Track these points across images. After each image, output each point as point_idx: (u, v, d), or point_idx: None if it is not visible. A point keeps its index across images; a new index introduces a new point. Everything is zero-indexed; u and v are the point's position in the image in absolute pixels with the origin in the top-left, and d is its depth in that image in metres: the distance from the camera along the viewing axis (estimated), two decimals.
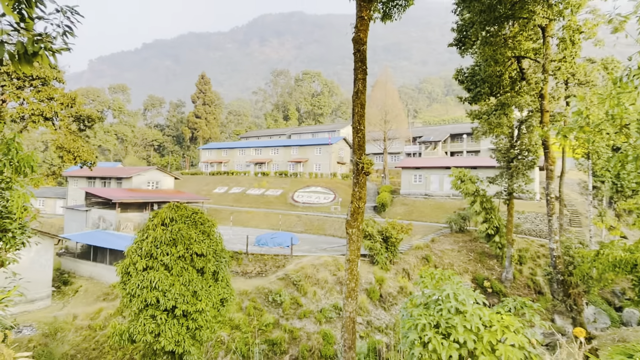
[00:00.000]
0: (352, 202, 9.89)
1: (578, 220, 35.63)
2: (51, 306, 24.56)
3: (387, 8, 14.97)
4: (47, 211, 55.74)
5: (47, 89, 24.23)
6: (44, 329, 20.53)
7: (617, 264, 11.23)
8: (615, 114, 6.20)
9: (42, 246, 23.72)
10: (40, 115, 23.75)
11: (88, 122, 28.19)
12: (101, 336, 20.38)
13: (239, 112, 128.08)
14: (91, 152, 25.58)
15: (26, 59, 3.83)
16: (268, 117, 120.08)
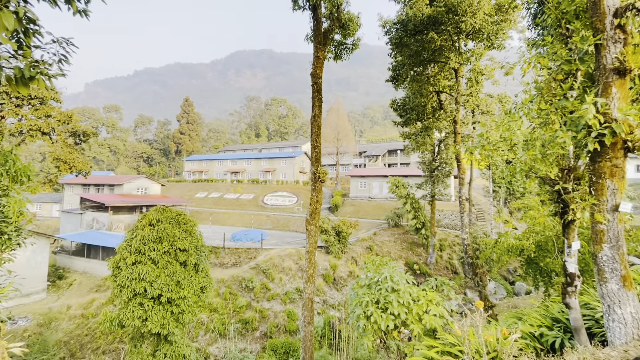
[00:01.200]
0: (310, 204, 9.88)
1: (482, 216, 37.64)
2: (46, 299, 22.43)
3: (338, 50, 15.27)
4: (44, 214, 51.05)
5: (44, 108, 22.27)
6: (39, 320, 18.68)
7: (510, 249, 11.92)
8: (507, 137, 6.64)
9: (38, 246, 21.68)
10: (38, 130, 21.78)
11: (83, 136, 26.20)
12: (93, 323, 18.85)
13: (218, 130, 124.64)
14: (86, 162, 23.74)
15: (23, 82, 3.52)
16: (242, 134, 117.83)
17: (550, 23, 7.20)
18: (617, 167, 5.07)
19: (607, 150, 5.06)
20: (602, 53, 5.24)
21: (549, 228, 11.02)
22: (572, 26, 6.22)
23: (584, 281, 9.22)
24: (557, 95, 6.27)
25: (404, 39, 20.01)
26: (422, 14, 18.71)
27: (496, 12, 18.19)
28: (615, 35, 5.15)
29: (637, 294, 4.95)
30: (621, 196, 5.19)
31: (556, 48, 6.43)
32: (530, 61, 6.70)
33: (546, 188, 6.65)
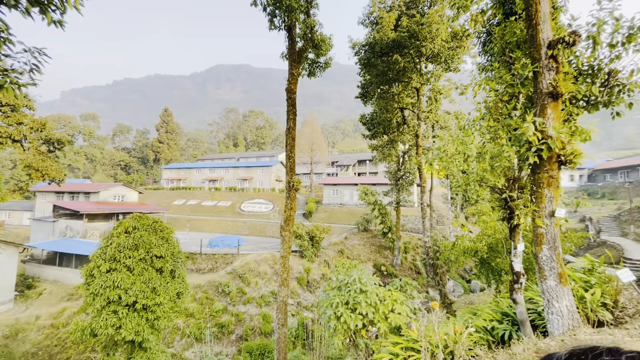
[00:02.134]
0: (285, 211, 9.79)
1: (442, 221, 38.93)
2: (14, 309, 20.50)
3: (312, 68, 15.41)
4: (14, 223, 46.98)
5: (16, 115, 20.65)
6: (4, 331, 17.02)
7: (466, 251, 12.37)
8: (461, 150, 6.94)
9: (5, 255, 19.88)
10: (9, 137, 20.13)
11: (58, 144, 24.47)
12: (64, 333, 17.43)
13: (197, 140, 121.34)
14: (59, 170, 22.13)
15: None
16: (221, 144, 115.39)
17: (497, 51, 7.69)
18: (553, 178, 5.44)
19: (544, 163, 5.42)
20: (539, 79, 5.66)
21: (498, 231, 11.58)
22: (515, 55, 6.67)
23: (529, 278, 9.71)
24: (503, 114, 6.67)
25: (371, 60, 20.60)
26: (387, 38, 19.38)
27: (452, 39, 19.20)
28: (549, 64, 5.58)
29: (571, 289, 5.29)
30: (557, 203, 5.57)
31: (502, 73, 6.87)
32: (480, 84, 7.11)
33: (495, 196, 7.00)
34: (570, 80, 5.75)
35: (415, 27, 18.12)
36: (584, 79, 6.36)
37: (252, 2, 11.08)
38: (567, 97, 5.90)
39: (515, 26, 6.85)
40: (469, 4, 7.35)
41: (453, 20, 8.08)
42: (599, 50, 6.08)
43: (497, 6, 7.78)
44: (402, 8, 21.33)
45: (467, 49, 19.78)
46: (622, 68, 5.95)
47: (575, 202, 11.24)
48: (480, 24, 7.44)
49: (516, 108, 6.63)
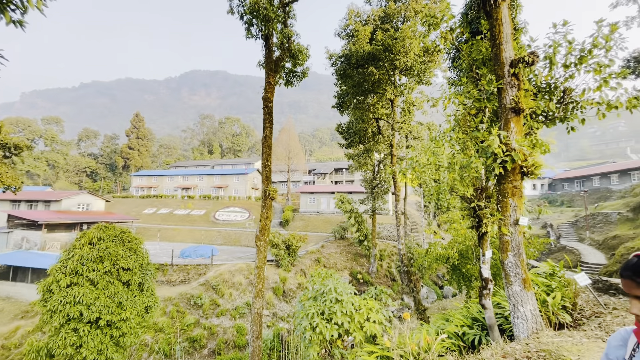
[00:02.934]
0: (260, 221, 9.64)
1: (416, 228, 39.88)
2: None
3: (289, 77, 15.48)
4: None
5: None
6: None
7: (438, 258, 12.71)
8: (432, 160, 7.19)
9: None
10: None
11: (15, 149, 22.82)
12: (16, 354, 15.98)
13: (169, 146, 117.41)
14: (16, 177, 20.59)
15: None
16: (195, 150, 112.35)
17: (465, 67, 8.10)
18: (517, 188, 5.75)
19: (509, 174, 5.73)
20: (503, 95, 6.01)
21: (468, 239, 12.01)
22: (481, 71, 7.06)
23: (496, 284, 10.10)
24: (471, 127, 7.00)
25: (347, 71, 21.03)
26: (363, 50, 19.90)
27: (424, 54, 20.02)
28: (511, 81, 5.95)
29: (534, 294, 5.56)
30: (521, 212, 5.88)
31: (469, 88, 7.23)
32: (450, 97, 7.43)
33: (465, 205, 7.29)
34: (530, 97, 6.15)
35: (389, 41, 18.76)
36: (543, 96, 6.82)
37: (229, 10, 11.03)
38: (528, 113, 6.29)
39: (481, 45, 7.26)
40: (439, 22, 7.72)
41: (424, 36, 8.44)
42: (555, 70, 6.56)
43: (464, 25, 8.23)
44: (377, 22, 22.04)
45: (438, 64, 20.71)
46: (576, 87, 6.46)
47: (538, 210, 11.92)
48: (450, 41, 7.82)
49: (483, 121, 6.99)
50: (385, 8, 21.80)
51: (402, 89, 22.02)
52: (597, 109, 6.27)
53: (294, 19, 13.56)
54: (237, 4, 11.05)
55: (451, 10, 8.07)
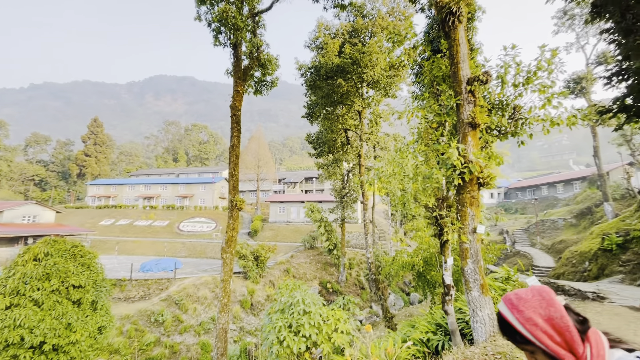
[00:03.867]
0: (227, 232, 9.35)
1: (384, 236, 40.71)
2: None
3: (258, 86, 15.40)
4: None
5: None
6: None
7: (404, 265, 13.01)
8: (397, 171, 7.42)
9: None
10: None
11: None
12: None
13: (131, 153, 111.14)
14: None
15: None
16: (159, 158, 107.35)
17: (427, 83, 8.54)
18: (474, 198, 6.09)
19: (467, 184, 6.05)
20: (461, 110, 6.38)
21: (432, 246, 12.44)
22: (441, 87, 7.47)
23: (458, 289, 10.52)
24: (433, 139, 7.35)
25: (317, 82, 21.33)
26: (332, 63, 20.33)
27: (390, 68, 20.85)
28: (468, 98, 6.35)
29: (491, 299, 5.86)
30: (478, 220, 6.21)
31: (431, 103, 7.61)
32: (413, 111, 7.77)
33: (428, 214, 7.57)
34: (485, 113, 6.59)
35: (357, 54, 19.36)
36: (496, 112, 7.34)
37: (196, 17, 10.81)
38: (483, 127, 6.73)
39: (441, 62, 7.70)
40: (402, 39, 8.10)
41: (390, 52, 8.81)
42: (506, 88, 7.12)
43: (426, 44, 8.70)
44: (345, 36, 22.68)
45: (403, 78, 21.65)
46: (524, 104, 7.04)
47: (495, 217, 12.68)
48: (412, 58, 8.22)
49: (443, 135, 7.37)
50: (354, 23, 22.54)
51: (370, 102, 22.71)
52: (542, 125, 6.86)
53: (264, 29, 13.57)
54: (204, 11, 10.87)
55: (414, 29, 8.53)
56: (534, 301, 1.14)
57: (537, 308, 1.13)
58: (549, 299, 1.14)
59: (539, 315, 1.12)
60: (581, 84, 25.56)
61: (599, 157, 26.52)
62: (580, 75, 25.73)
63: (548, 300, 1.14)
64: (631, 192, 27.68)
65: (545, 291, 1.17)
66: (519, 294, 1.19)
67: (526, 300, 1.15)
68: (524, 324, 1.13)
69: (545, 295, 1.15)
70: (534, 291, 1.18)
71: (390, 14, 21.88)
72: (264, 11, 12.74)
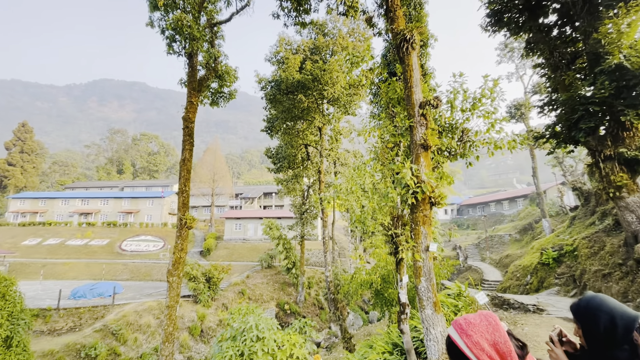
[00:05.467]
0: (174, 253, 8.80)
1: (344, 254, 41.10)
2: None
3: (215, 97, 15.12)
4: None
5: None
6: None
7: (363, 283, 13.18)
8: (355, 189, 7.61)
9: None
10: None
11: None
12: None
13: (67, 163, 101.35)
14: None
15: None
16: (101, 170, 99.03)
17: (383, 104, 9.01)
18: (427, 217, 6.43)
19: (420, 203, 6.38)
20: (414, 132, 6.80)
21: (390, 263, 12.81)
22: (396, 109, 7.92)
23: (414, 306, 10.86)
24: (388, 159, 7.70)
25: (277, 96, 21.48)
26: (293, 78, 20.66)
27: (350, 87, 21.69)
28: (421, 120, 6.79)
29: (444, 316, 6.14)
30: (431, 239, 6.54)
31: (387, 124, 8.01)
32: (370, 131, 8.11)
33: (384, 232, 7.82)
34: (436, 135, 7.08)
35: (318, 72, 19.92)
36: (446, 134, 7.92)
37: (148, 23, 10.44)
38: (435, 149, 7.22)
39: (397, 85, 8.19)
40: (360, 61, 8.52)
41: (349, 71, 9.19)
42: (455, 112, 7.74)
43: (383, 66, 9.24)
44: (306, 53, 23.29)
45: (363, 97, 22.63)
46: (471, 128, 7.69)
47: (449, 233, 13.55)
48: (370, 80, 8.66)
49: (398, 155, 7.76)
50: (315, 40, 23.28)
51: (330, 118, 23.31)
52: (487, 148, 7.52)
53: (223, 40, 13.47)
54: (158, 18, 10.54)
55: (372, 51, 9.03)
56: (481, 326, 1.23)
57: (484, 333, 1.21)
58: (495, 325, 1.23)
59: (485, 340, 1.20)
60: (520, 110, 28.71)
61: (537, 177, 29.65)
62: (519, 102, 28.91)
63: (494, 325, 1.23)
64: (564, 209, 31.14)
65: (491, 317, 1.27)
66: (468, 319, 1.27)
67: (474, 325, 1.24)
68: (472, 348, 1.20)
69: (491, 320, 1.25)
70: (482, 316, 1.27)
71: (350, 35, 22.98)
72: (223, 22, 12.69)
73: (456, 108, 7.62)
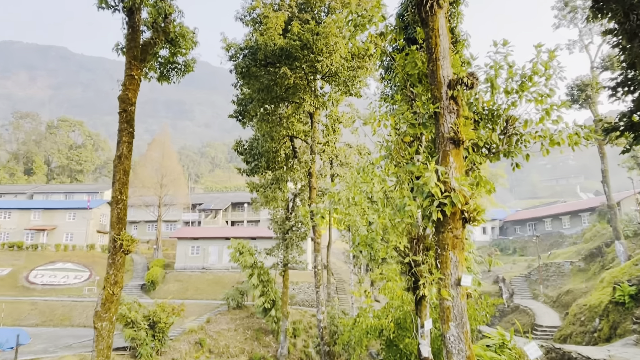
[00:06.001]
0: (104, 288, 8.71)
1: (343, 288, 41.09)
2: None
3: (165, 69, 15.13)
4: None
5: None
6: None
7: (369, 330, 13.21)
8: (359, 200, 7.64)
9: None
10: None
11: None
12: None
13: None
14: None
15: None
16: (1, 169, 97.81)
17: (398, 81, 9.09)
18: (458, 238, 6.46)
19: (448, 220, 6.41)
20: (441, 121, 6.86)
21: (407, 302, 12.85)
22: (416, 90, 8.00)
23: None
24: (406, 158, 7.76)
25: (252, 69, 21.50)
26: (274, 44, 20.73)
27: (353, 58, 21.84)
28: (450, 105, 6.87)
29: None
30: (463, 269, 6.59)
31: (403, 109, 8.08)
32: (380, 119, 8.17)
33: (399, 259, 7.86)
34: (470, 126, 7.15)
35: (308, 36, 20.01)
36: (485, 125, 8.02)
37: None
38: (469, 144, 7.29)
39: (417, 57, 8.27)
40: (367, 22, 8.59)
41: (350, 38, 9.26)
42: (497, 95, 7.83)
43: (398, 31, 9.32)
44: (293, 9, 23.40)
45: (370, 72, 22.79)
46: (519, 116, 7.78)
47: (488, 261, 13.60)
48: (381, 48, 8.73)
49: (419, 152, 7.84)
50: None
51: (325, 100, 23.42)
52: (540, 144, 7.61)
53: None
54: None
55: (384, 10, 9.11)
56: None
57: None
58: None
59: None
60: (586, 92, 29.25)
61: (608, 183, 30.13)
62: (584, 82, 29.46)
63: None
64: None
65: None
66: None
67: None
68: None
69: None
70: None
71: None
72: None
73: (498, 89, 7.71)
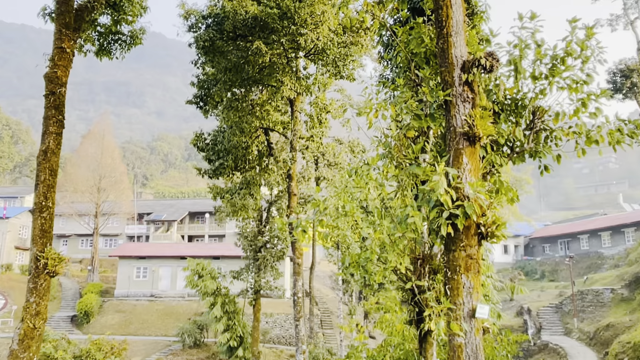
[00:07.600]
0: (23, 320, 8.58)
1: (330, 321, 40.92)
2: None
3: (105, 41, 14.98)
4: None
5: None
6: None
7: None
8: (350, 210, 7.65)
9: None
10: None
11: None
12: None
13: None
14: None
15: None
16: None
17: (401, 62, 9.16)
18: (472, 259, 6.52)
19: (460, 235, 6.46)
20: (452, 112, 6.93)
21: (409, 339, 12.89)
22: (422, 73, 8.07)
23: None
24: (409, 157, 7.80)
25: (217, 43, 21.45)
26: (245, 12, 20.72)
27: (344, 31, 21.96)
28: (464, 92, 6.94)
29: None
30: (479, 297, 6.64)
31: (406, 96, 8.14)
32: (378, 109, 8.20)
33: (399, 284, 7.89)
34: (489, 119, 7.23)
35: (289, 2, 20.06)
36: (507, 117, 8.09)
37: None
38: (487, 141, 7.35)
39: (424, 31, 8.35)
40: None
41: (341, 7, 9.32)
42: (522, 81, 7.90)
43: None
44: None
45: (366, 49, 22.93)
46: (549, 108, 7.83)
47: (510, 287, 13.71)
48: (377, 20, 8.79)
49: (425, 150, 7.89)
50: None
51: (310, 84, 23.45)
52: (575, 142, 7.69)
53: None
54: None
55: None
56: None
57: None
58: None
59: None
60: (631, 78, 29.91)
61: None
62: (629, 66, 30.14)
63: None
64: None
65: None
66: None
67: None
68: None
69: None
70: None
71: None
72: None
73: (524, 73, 7.76)
